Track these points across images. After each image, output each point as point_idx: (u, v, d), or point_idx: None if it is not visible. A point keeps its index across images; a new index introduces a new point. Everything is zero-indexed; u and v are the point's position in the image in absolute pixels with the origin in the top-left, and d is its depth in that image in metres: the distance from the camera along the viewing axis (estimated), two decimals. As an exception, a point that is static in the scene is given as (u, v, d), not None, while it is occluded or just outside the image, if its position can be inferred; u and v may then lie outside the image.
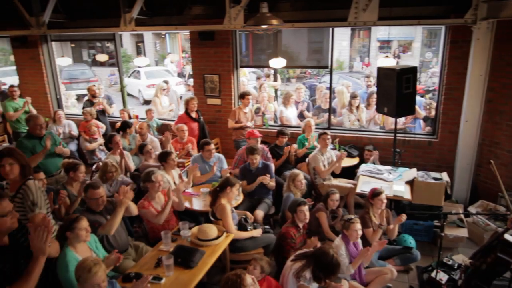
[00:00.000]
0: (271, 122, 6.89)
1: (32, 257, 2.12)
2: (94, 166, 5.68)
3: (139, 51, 21.61)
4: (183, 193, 4.64)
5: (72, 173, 4.28)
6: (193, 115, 6.30)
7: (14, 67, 16.46)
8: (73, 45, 18.55)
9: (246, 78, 8.27)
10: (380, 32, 18.51)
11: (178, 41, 21.45)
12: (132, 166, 5.42)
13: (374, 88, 6.85)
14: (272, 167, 5.23)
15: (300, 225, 4.01)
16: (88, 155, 6.58)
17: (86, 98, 7.20)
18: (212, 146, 5.18)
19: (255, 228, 4.12)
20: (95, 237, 3.32)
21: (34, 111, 6.85)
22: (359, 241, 3.88)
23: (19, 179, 3.26)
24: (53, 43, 7.90)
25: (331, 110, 6.59)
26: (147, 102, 13.97)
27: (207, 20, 6.23)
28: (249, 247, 4.02)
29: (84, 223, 3.04)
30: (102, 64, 22.82)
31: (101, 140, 6.60)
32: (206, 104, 6.85)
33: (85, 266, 2.52)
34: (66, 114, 7.53)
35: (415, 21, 5.37)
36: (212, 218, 4.05)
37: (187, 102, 6.29)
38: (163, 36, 21.48)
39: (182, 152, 5.76)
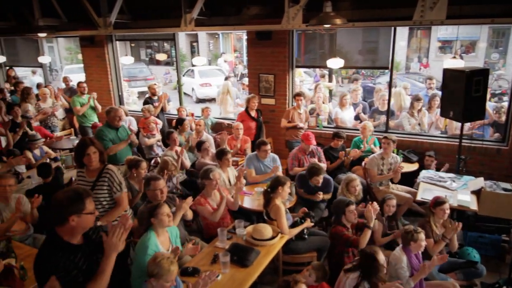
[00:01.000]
0: (325, 124, 6.77)
1: (104, 254, 2.17)
2: (152, 161, 5.90)
3: (193, 51, 22.26)
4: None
5: (135, 170, 4.47)
6: (253, 113, 6.35)
7: (79, 65, 17.64)
8: (133, 45, 19.49)
9: (301, 78, 8.19)
10: (441, 32, 17.54)
11: (230, 41, 21.81)
12: (188, 164, 5.56)
13: (436, 91, 6.50)
14: (332, 183, 5.03)
15: (348, 225, 3.88)
16: (146, 150, 6.83)
17: (146, 95, 7.51)
18: (269, 146, 5.17)
19: (310, 220, 4.04)
20: (176, 229, 3.43)
21: (99, 107, 7.27)
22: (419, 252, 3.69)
23: (98, 165, 3.53)
24: (117, 42, 8.33)
25: (389, 113, 6.34)
26: (201, 101, 14.35)
27: (264, 20, 6.24)
28: (302, 249, 3.97)
29: (166, 209, 3.18)
30: (158, 63, 23.80)
31: (158, 136, 6.84)
32: (260, 104, 6.86)
33: (162, 264, 2.59)
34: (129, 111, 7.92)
35: (488, 20, 5.00)
36: (266, 218, 4.05)
37: (248, 101, 6.37)
38: (216, 36, 21.95)
39: (235, 150, 5.82)
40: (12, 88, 8.79)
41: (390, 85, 6.28)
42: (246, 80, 9.32)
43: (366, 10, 5.77)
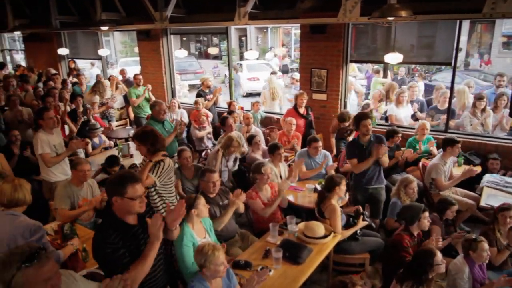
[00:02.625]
0: (380, 122, 6.51)
1: (148, 241, 2.26)
2: (203, 153, 6.00)
3: (241, 45, 22.40)
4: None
5: (177, 158, 4.67)
6: (301, 111, 6.24)
7: (133, 58, 18.30)
8: (184, 38, 19.96)
9: (354, 73, 7.95)
10: (507, 26, 16.28)
11: (279, 35, 21.69)
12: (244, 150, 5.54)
13: (505, 89, 6.02)
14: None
15: (415, 233, 3.69)
16: (196, 142, 6.98)
17: (198, 88, 7.66)
18: (320, 143, 5.07)
19: (363, 218, 3.92)
20: (210, 220, 3.50)
21: (153, 98, 7.51)
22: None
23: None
24: (172, 36, 8.54)
25: (450, 112, 5.98)
26: (250, 95, 14.43)
27: (318, 13, 6.10)
28: (355, 250, 3.85)
29: (203, 200, 3.28)
30: (207, 56, 24.26)
31: (209, 129, 6.96)
32: (312, 99, 6.74)
33: (206, 250, 2.64)
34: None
35: None
36: (318, 216, 3.97)
37: (296, 97, 6.28)
38: (265, 31, 21.91)
39: (287, 146, 5.77)
40: (75, 79, 9.30)
41: (452, 82, 5.90)
42: (291, 75, 9.23)
43: (428, 2, 5.45)
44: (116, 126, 7.68)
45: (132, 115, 7.99)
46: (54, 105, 6.36)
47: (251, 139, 5.39)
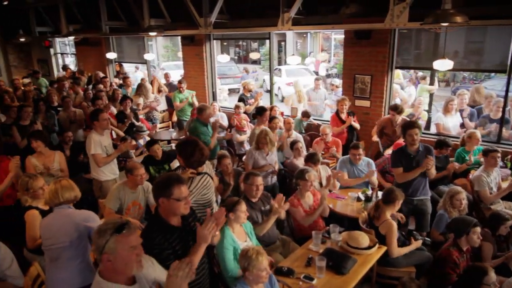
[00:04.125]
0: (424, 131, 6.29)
1: (196, 243, 2.29)
2: (244, 157, 6.04)
3: (280, 50, 22.39)
4: (329, 194, 4.60)
5: (218, 164, 4.71)
6: (343, 116, 6.15)
7: (174, 62, 18.76)
8: (225, 43, 20.26)
9: (398, 80, 7.73)
10: None
11: (318, 40, 21.52)
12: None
13: None
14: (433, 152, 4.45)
15: (464, 248, 3.52)
16: (236, 146, 7.04)
17: (241, 92, 7.75)
18: (361, 151, 4.96)
19: (415, 238, 3.80)
20: (250, 224, 3.51)
21: (196, 103, 7.67)
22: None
23: None
24: (214, 41, 8.70)
25: (503, 121, 5.66)
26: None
27: (363, 18, 5.99)
28: (401, 263, 3.71)
29: (243, 206, 3.28)
30: (245, 61, 24.47)
31: (249, 133, 7.00)
32: (354, 106, 6.63)
33: (250, 254, 2.66)
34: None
35: None
36: (362, 226, 3.89)
37: (337, 103, 6.21)
38: (304, 36, 21.80)
39: (326, 153, 5.70)
40: (121, 82, 9.69)
41: (507, 90, 5.59)
42: (331, 81, 9.12)
43: (482, 7, 5.20)
44: (159, 128, 7.92)
45: (175, 118, 8.20)
46: (105, 106, 6.66)
47: (293, 145, 5.36)
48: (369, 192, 4.55)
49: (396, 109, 5.68)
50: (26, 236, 3.25)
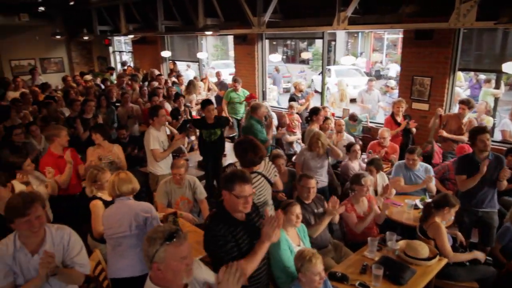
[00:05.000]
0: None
1: (260, 239, 2.30)
2: (293, 158, 5.99)
3: (330, 50, 22.02)
4: (385, 200, 4.43)
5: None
6: (399, 119, 5.91)
7: (223, 61, 19.04)
8: (274, 43, 20.28)
9: (459, 83, 7.31)
10: None
11: (370, 40, 20.92)
12: (339, 153, 5.36)
13: None
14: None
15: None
16: (286, 146, 7.01)
17: (292, 92, 7.70)
18: (416, 156, 4.73)
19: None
20: (304, 227, 3.47)
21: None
22: None
23: None
24: (266, 41, 8.71)
25: None
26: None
27: (425, 17, 5.71)
28: (462, 276, 3.50)
29: (297, 209, 3.23)
30: (293, 61, 24.38)
31: (299, 135, 6.94)
32: (411, 108, 6.35)
33: (304, 255, 2.65)
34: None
35: None
36: (419, 235, 3.70)
37: (393, 105, 5.98)
38: (355, 35, 21.30)
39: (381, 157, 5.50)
40: (173, 79, 10.00)
41: None
42: (386, 82, 8.81)
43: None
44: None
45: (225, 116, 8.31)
46: (160, 103, 6.89)
47: (349, 147, 5.21)
48: (428, 200, 4.33)
49: (468, 103, 5.35)
50: (92, 225, 3.43)
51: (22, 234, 2.32)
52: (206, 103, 5.45)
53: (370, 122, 7.24)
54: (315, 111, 5.59)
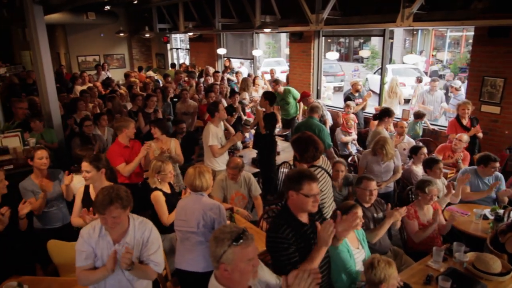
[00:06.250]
0: None
1: (317, 244, 2.26)
2: (349, 159, 5.83)
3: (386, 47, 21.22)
4: (448, 208, 4.19)
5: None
6: (464, 122, 5.54)
7: (275, 59, 19.00)
8: (329, 40, 19.93)
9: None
10: None
11: (431, 38, 19.85)
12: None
13: None
14: None
15: None
16: (340, 146, 6.85)
17: (349, 91, 7.51)
18: (497, 164, 4.38)
19: None
20: (363, 231, 3.35)
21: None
22: None
23: None
24: (323, 38, 8.55)
25: None
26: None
27: (501, 13, 5.29)
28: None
29: (359, 211, 3.11)
30: (346, 59, 23.81)
31: (355, 135, 6.75)
32: (479, 111, 5.92)
33: (377, 263, 2.51)
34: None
35: None
36: (490, 247, 3.43)
37: (458, 107, 5.62)
38: (414, 33, 20.28)
39: (448, 160, 5.19)
40: (227, 76, 10.13)
41: None
42: (450, 83, 8.30)
43: None
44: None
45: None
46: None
47: (416, 150, 4.90)
48: (501, 211, 4.01)
49: None
50: (158, 215, 3.56)
51: None
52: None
53: (432, 124, 6.86)
54: (388, 113, 5.28)
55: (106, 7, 11.80)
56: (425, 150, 4.86)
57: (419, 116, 6.46)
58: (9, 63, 14.02)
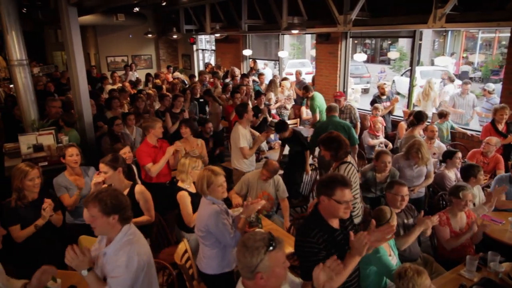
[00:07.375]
0: None
1: (350, 252, 2.21)
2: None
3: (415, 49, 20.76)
4: (483, 216, 4.04)
5: (374, 161, 4.52)
6: (500, 127, 5.35)
7: (299, 60, 18.89)
8: (355, 41, 19.69)
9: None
10: None
11: (461, 40, 19.28)
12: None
13: None
14: None
15: None
16: (367, 149, 6.73)
17: (375, 94, 7.39)
18: None
19: None
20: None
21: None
22: None
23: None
24: (350, 39, 8.43)
25: None
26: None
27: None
28: None
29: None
30: (372, 60, 23.44)
31: (382, 139, 6.63)
32: (515, 116, 5.70)
33: (409, 273, 2.46)
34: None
35: None
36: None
37: (495, 111, 5.42)
38: (444, 34, 19.76)
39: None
40: (253, 78, 10.15)
41: None
42: (484, 86, 8.02)
43: None
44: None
45: (304, 115, 8.24)
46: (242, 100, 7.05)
47: (451, 154, 4.72)
48: (538, 221, 3.84)
49: None
50: (183, 215, 3.59)
51: None
52: None
53: (464, 129, 6.65)
54: (421, 117, 5.16)
55: (135, 9, 12.06)
56: (459, 154, 4.68)
57: (442, 115, 6.27)
58: (42, 63, 14.54)
